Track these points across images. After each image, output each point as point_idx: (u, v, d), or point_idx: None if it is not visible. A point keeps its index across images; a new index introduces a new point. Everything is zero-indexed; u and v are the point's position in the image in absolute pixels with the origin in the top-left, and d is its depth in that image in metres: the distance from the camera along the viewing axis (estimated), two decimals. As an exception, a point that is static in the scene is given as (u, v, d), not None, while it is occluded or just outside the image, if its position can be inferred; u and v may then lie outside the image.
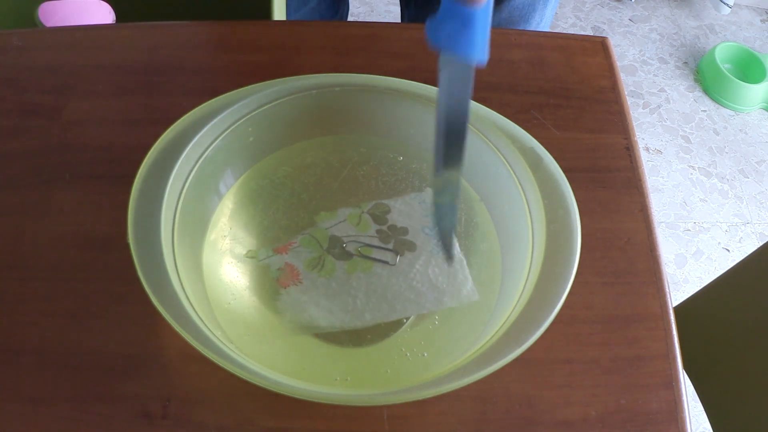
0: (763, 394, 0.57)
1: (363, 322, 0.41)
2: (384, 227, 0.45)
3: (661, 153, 1.52)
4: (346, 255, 0.43)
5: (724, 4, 1.75)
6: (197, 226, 0.44)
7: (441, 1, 0.32)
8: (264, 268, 0.43)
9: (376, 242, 0.44)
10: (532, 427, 0.40)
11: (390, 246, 0.44)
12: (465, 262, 0.44)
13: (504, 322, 0.37)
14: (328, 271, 0.42)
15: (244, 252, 0.44)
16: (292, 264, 0.43)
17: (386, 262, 0.43)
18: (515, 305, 0.37)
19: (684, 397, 0.41)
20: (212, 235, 0.45)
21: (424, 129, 0.48)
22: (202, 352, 0.33)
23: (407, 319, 0.42)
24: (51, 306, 0.43)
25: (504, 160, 0.44)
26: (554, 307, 0.36)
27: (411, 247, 0.44)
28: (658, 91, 1.63)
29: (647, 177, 0.51)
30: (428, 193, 0.47)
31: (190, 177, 0.42)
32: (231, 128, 0.44)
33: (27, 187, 0.48)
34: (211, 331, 0.36)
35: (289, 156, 0.49)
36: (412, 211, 0.46)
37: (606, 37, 0.61)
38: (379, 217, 0.45)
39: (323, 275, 0.42)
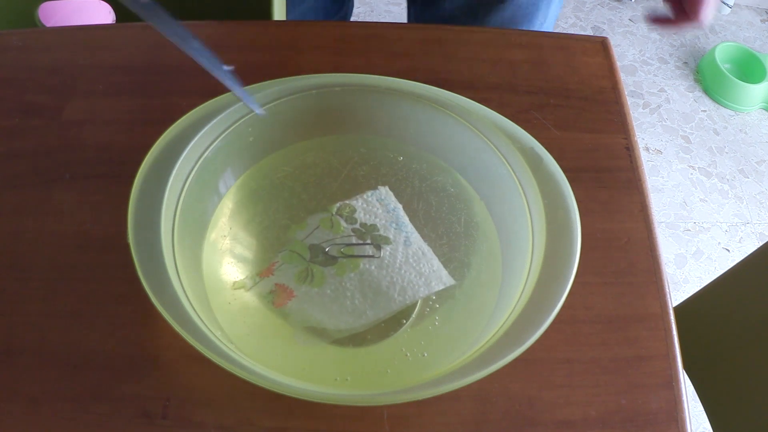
0: (763, 394, 0.57)
1: (366, 319, 0.41)
2: (356, 226, 0.45)
3: (661, 153, 1.52)
4: (331, 260, 0.43)
5: (724, 4, 1.75)
6: (197, 226, 0.44)
7: None
8: (257, 296, 0.43)
9: (354, 240, 0.44)
10: (532, 427, 0.40)
11: (369, 241, 0.44)
12: (432, 251, 0.44)
13: (504, 322, 0.37)
14: (319, 280, 0.42)
15: (231, 284, 0.43)
16: (281, 284, 0.42)
17: (372, 256, 0.43)
18: (515, 305, 0.37)
19: (684, 397, 0.41)
20: (212, 235, 0.44)
21: (424, 129, 0.48)
22: (202, 352, 0.33)
23: (407, 319, 0.42)
24: (51, 306, 0.43)
25: (504, 160, 0.44)
26: (554, 307, 0.36)
27: (386, 241, 0.44)
28: (658, 91, 1.63)
29: (647, 177, 0.51)
30: (381, 191, 0.47)
31: (190, 177, 0.42)
32: (231, 128, 0.44)
33: (27, 187, 0.48)
34: (211, 331, 0.36)
35: (289, 156, 0.49)
36: (374, 208, 0.46)
37: (606, 37, 0.61)
38: (349, 217, 0.45)
39: (315, 285, 0.42)
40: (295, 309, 0.42)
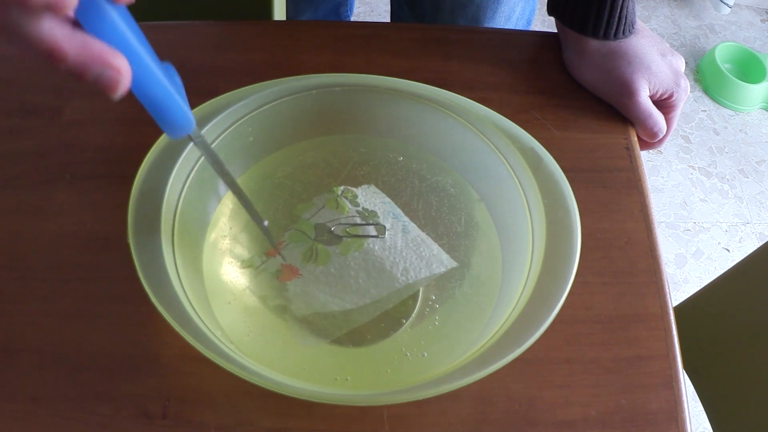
0: (764, 394, 0.57)
1: (370, 298, 0.41)
2: (360, 208, 0.45)
3: (661, 153, 1.52)
4: (336, 239, 0.43)
5: (724, 4, 1.75)
6: (197, 226, 0.44)
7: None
8: (263, 273, 0.43)
9: (359, 221, 0.44)
10: (532, 427, 0.40)
11: (373, 221, 0.44)
12: (430, 238, 0.45)
13: (504, 322, 0.37)
14: (324, 258, 0.43)
15: (240, 263, 0.44)
16: (288, 263, 0.43)
17: (376, 236, 0.43)
18: (515, 305, 0.37)
19: (684, 397, 0.41)
20: (212, 235, 0.45)
21: (424, 129, 0.48)
22: (202, 352, 0.33)
23: (407, 319, 0.42)
24: (51, 306, 0.43)
25: (504, 160, 0.44)
26: (554, 307, 0.36)
27: (381, 231, 0.44)
28: (658, 91, 1.63)
29: (647, 177, 0.51)
30: (373, 187, 0.47)
31: (190, 177, 0.42)
32: (231, 128, 0.44)
33: (27, 187, 0.48)
34: (211, 331, 0.36)
35: (289, 156, 0.49)
36: (373, 198, 0.46)
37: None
38: (352, 200, 0.45)
39: (320, 264, 0.42)
40: (299, 292, 0.42)
